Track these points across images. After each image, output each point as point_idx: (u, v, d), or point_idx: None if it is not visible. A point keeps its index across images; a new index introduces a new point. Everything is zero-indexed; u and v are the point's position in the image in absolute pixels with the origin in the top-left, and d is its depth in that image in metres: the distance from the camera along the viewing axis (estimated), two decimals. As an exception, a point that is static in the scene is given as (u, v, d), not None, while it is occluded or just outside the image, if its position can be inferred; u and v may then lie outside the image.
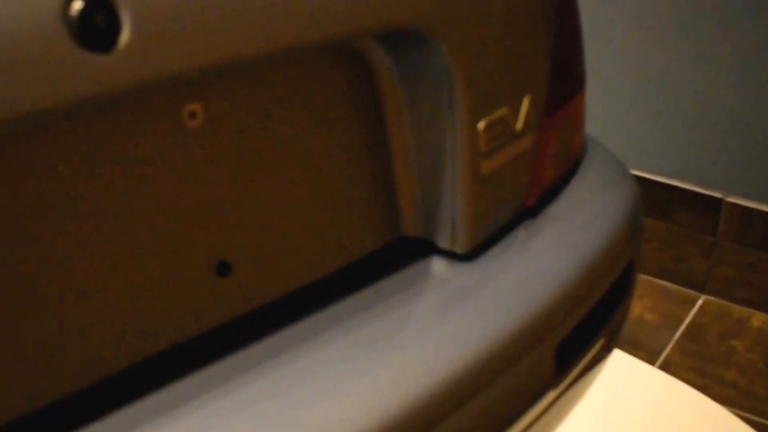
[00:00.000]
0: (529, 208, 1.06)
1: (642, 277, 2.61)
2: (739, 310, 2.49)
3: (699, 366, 2.26)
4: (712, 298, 2.51)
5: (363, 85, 0.89)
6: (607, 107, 2.59)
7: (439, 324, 0.87)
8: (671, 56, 2.41)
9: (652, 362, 2.27)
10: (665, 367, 2.26)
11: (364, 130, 0.90)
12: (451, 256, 0.98)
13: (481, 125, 0.93)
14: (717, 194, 2.47)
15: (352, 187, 0.90)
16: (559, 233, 1.05)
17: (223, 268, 0.79)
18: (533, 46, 0.99)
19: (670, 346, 2.36)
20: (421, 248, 0.99)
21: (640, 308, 2.47)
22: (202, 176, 0.77)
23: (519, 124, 0.99)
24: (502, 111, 0.96)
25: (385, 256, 0.97)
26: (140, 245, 0.74)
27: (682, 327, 2.43)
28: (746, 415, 2.11)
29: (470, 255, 0.98)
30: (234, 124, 0.78)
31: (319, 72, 0.84)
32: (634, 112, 2.54)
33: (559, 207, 1.10)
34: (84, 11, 0.59)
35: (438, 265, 0.97)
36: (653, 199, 2.56)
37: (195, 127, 0.76)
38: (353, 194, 0.91)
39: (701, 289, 2.53)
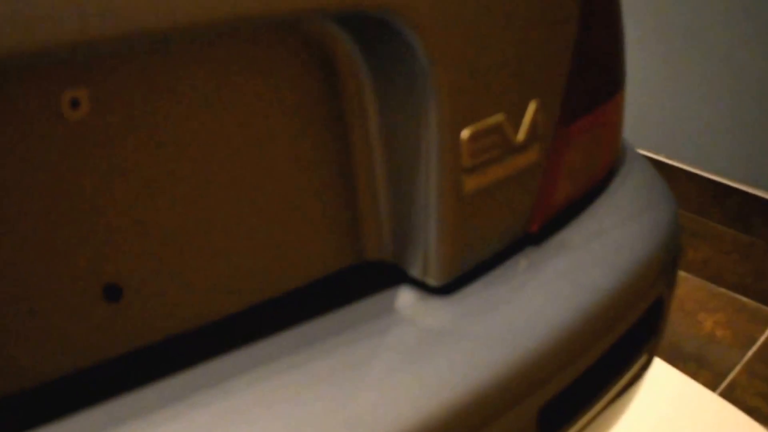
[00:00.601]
0: (533, 235, 0.88)
1: (718, 290, 2.38)
2: (820, 336, 2.25)
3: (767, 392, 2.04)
4: (791, 319, 2.28)
5: (321, 80, 0.73)
6: (676, 101, 2.36)
7: (393, 373, 0.71)
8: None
9: (717, 383, 2.06)
10: (730, 390, 2.04)
11: (320, 132, 0.74)
12: (423, 287, 0.81)
13: (466, 134, 0.75)
14: (807, 207, 2.22)
15: (303, 198, 0.75)
16: (566, 267, 0.87)
17: (112, 293, 0.65)
18: (545, 40, 0.81)
19: (738, 367, 2.14)
20: (392, 275, 0.83)
21: (711, 323, 2.25)
22: (86, 180, 0.62)
23: (521, 135, 0.81)
24: (497, 118, 0.78)
25: (346, 282, 0.81)
26: (10, 262, 0.59)
27: (755, 347, 2.20)
28: (813, 458, 1.89)
29: (446, 288, 0.81)
30: (131, 117, 0.63)
31: (261, 58, 0.68)
32: (707, 108, 2.30)
33: (575, 233, 0.92)
34: None
35: (405, 297, 0.80)
36: (735, 209, 2.32)
37: (77, 118, 0.61)
38: (304, 207, 0.75)
39: (781, 309, 2.30)
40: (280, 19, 0.61)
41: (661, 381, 2.02)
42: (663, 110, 2.40)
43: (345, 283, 0.81)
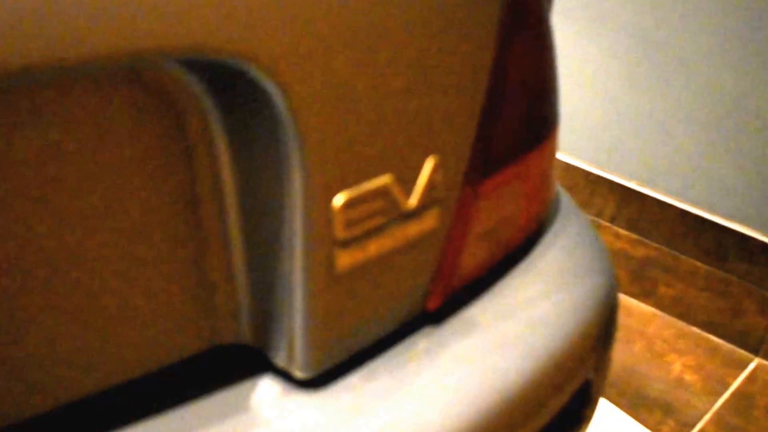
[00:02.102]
0: (431, 314, 0.75)
1: (689, 329, 2.25)
2: (795, 384, 2.12)
3: (736, 449, 1.91)
4: (766, 362, 2.14)
5: (164, 134, 0.59)
6: (650, 125, 2.23)
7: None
8: (742, 80, 2.03)
9: (682, 434, 1.93)
10: (697, 443, 1.91)
11: (165, 195, 0.60)
12: (290, 379, 0.68)
13: (339, 200, 0.62)
14: (784, 246, 2.09)
15: (143, 270, 0.61)
16: (468, 351, 0.73)
17: None
18: (448, 82, 0.67)
19: (707, 416, 2.01)
20: (261, 362, 0.69)
21: (680, 366, 2.12)
22: None
23: (413, 199, 0.67)
24: (382, 180, 0.64)
25: (200, 370, 0.68)
26: None
27: (726, 394, 2.07)
28: None
29: (316, 381, 0.67)
30: None
31: (93, 110, 0.54)
32: (684, 134, 2.16)
33: (485, 309, 0.78)
34: None
35: (265, 392, 0.67)
36: (710, 242, 2.19)
37: None
38: (144, 280, 0.61)
39: (755, 351, 2.16)
40: (104, 65, 0.47)
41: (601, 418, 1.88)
42: (636, 136, 2.26)
43: (198, 371, 0.68)
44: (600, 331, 0.83)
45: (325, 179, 0.61)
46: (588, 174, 2.48)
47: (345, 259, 0.64)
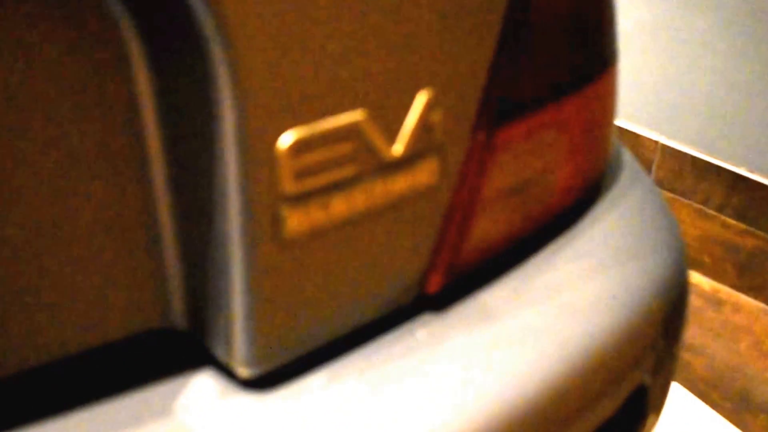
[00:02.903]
0: (431, 298, 0.58)
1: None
2: None
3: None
4: None
5: (108, 65, 0.43)
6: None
7: None
8: None
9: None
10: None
11: (104, 139, 0.45)
12: (234, 376, 0.52)
13: (286, 142, 0.46)
14: None
15: (37, 228, 0.46)
16: (475, 348, 0.56)
17: None
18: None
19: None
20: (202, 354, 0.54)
21: None
22: None
23: (398, 145, 0.51)
24: (349, 117, 0.48)
25: (122, 360, 0.53)
26: None
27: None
28: None
29: (264, 381, 0.51)
30: None
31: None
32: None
33: (506, 293, 0.61)
34: None
35: (202, 390, 0.51)
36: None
37: None
38: (40, 243, 0.46)
39: None
40: None
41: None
42: (747, 118, 2.04)
43: (119, 363, 0.52)
44: (661, 324, 0.65)
45: (266, 111, 0.45)
46: (694, 159, 2.27)
47: (297, 221, 0.48)
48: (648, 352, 0.65)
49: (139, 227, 0.48)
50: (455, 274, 0.58)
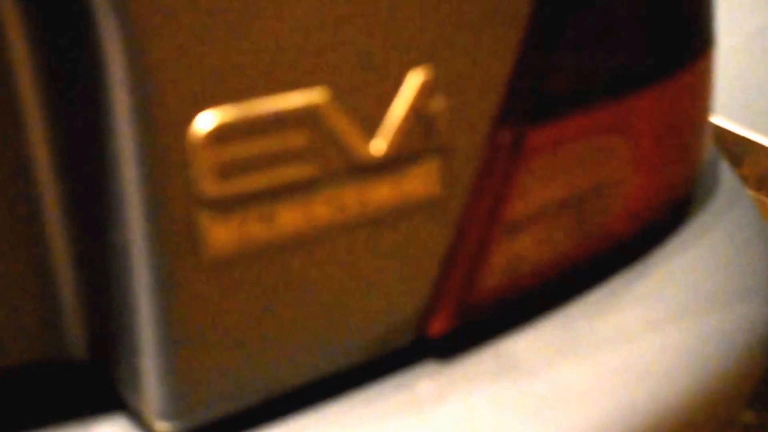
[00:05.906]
0: (434, 342, 0.44)
1: None
2: None
3: None
4: None
5: None
6: None
7: None
8: None
9: None
10: None
11: None
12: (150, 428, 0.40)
13: (202, 127, 0.33)
14: None
15: None
16: (478, 410, 0.43)
17: None
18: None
19: None
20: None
21: None
22: None
23: (379, 142, 0.38)
24: (302, 97, 0.35)
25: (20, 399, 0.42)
26: None
27: None
28: None
29: (185, 440, 0.39)
30: None
31: None
32: None
33: (542, 338, 0.47)
34: None
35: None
36: None
37: None
38: None
39: None
40: None
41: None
42: None
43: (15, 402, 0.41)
44: (751, 393, 0.49)
45: (173, 82, 0.32)
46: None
47: (223, 234, 0.35)
48: (723, 414, 0.49)
49: (27, 241, 0.37)
50: (468, 314, 0.45)
